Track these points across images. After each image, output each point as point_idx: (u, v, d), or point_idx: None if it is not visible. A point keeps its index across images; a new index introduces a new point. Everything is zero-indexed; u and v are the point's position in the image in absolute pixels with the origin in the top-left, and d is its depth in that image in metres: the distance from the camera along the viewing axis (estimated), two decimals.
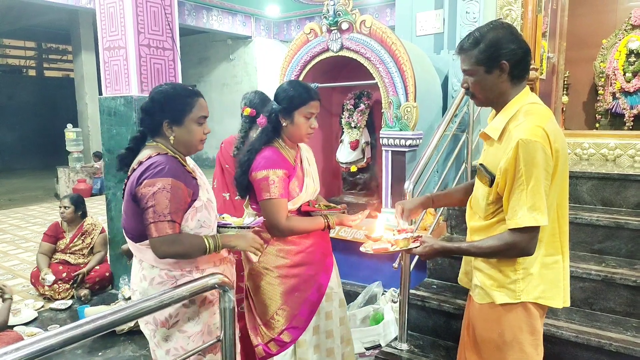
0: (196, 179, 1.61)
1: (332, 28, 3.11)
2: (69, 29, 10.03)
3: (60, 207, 3.96)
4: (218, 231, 1.65)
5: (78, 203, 3.98)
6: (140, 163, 1.49)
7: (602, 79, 5.98)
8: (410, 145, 2.96)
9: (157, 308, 1.31)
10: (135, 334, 2.97)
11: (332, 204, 2.11)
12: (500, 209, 1.49)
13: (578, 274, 2.32)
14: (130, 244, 1.56)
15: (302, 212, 1.96)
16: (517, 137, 1.36)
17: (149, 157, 1.49)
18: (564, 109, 5.81)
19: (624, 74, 5.71)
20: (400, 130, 2.97)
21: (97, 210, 6.48)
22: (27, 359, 1.00)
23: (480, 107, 2.78)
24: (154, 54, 3.50)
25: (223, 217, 1.80)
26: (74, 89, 10.24)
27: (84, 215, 4.02)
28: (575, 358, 2.13)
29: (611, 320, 2.22)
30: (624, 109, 5.76)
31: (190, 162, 1.69)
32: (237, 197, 2.07)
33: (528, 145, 1.34)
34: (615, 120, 5.92)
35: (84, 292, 3.70)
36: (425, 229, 2.81)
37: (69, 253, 3.90)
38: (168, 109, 1.55)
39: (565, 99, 5.95)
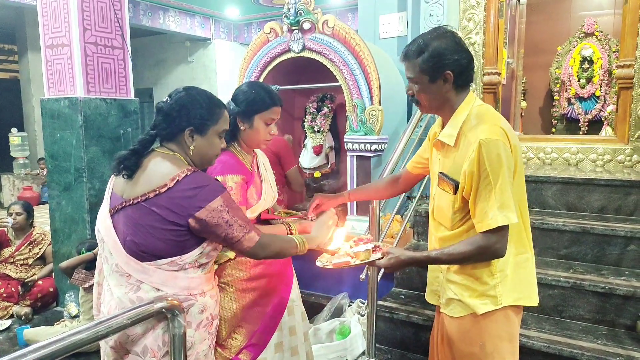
0: None
1: (294, 28, 2.97)
2: (14, 28, 9.45)
3: (10, 213, 3.66)
4: None
5: (29, 210, 3.75)
6: (177, 182, 1.32)
7: (558, 85, 6.14)
8: (375, 150, 2.86)
9: (91, 340, 1.12)
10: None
11: (292, 211, 2.00)
12: (467, 217, 1.44)
13: (547, 281, 2.28)
14: (126, 263, 1.35)
15: (262, 220, 1.82)
16: (477, 138, 1.35)
17: (186, 176, 1.33)
18: (523, 113, 5.91)
19: (579, 80, 5.88)
20: (365, 134, 2.86)
21: (43, 220, 6.07)
22: None
23: None
24: (102, 53, 3.26)
25: None
26: (20, 91, 9.65)
27: (32, 224, 3.78)
28: None
29: (581, 328, 2.18)
30: (579, 114, 5.93)
31: None
32: None
33: (490, 144, 1.33)
34: (571, 125, 6.08)
35: (24, 310, 3.39)
36: (393, 237, 2.71)
37: (12, 263, 3.60)
38: (194, 116, 1.39)
39: (523, 104, 6.07)
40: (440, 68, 1.40)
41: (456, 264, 1.48)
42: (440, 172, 1.49)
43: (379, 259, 1.49)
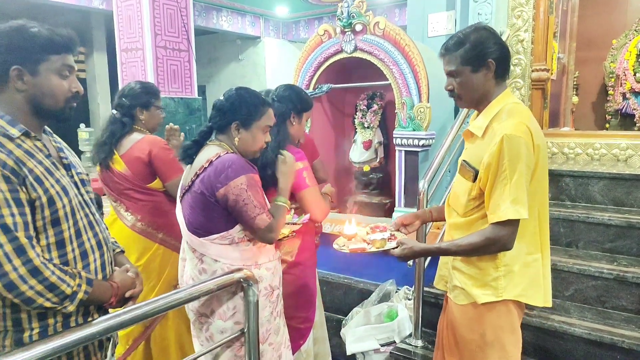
0: None
1: (346, 29, 3.16)
2: (82, 30, 10.14)
3: None
4: None
5: (99, 201, 4.09)
6: (211, 162, 1.54)
7: (612, 79, 5.99)
8: (423, 145, 3.01)
9: (187, 300, 1.38)
10: None
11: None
12: (480, 206, 1.50)
13: (590, 272, 2.36)
14: (190, 239, 1.59)
15: None
16: (502, 132, 1.39)
17: (219, 156, 1.54)
18: (574, 109, 5.82)
19: (634, 74, 5.71)
20: (414, 130, 3.01)
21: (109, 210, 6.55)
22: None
23: None
24: (170, 55, 3.57)
25: None
26: (86, 90, 10.37)
27: (102, 214, 4.14)
28: (588, 355, 2.16)
29: (623, 318, 2.25)
30: (634, 109, 5.77)
31: None
32: None
33: (512, 140, 1.37)
34: (626, 121, 5.92)
35: None
36: (439, 228, 2.85)
37: None
38: (240, 112, 1.61)
39: (575, 99, 5.96)
40: (483, 56, 1.45)
41: (465, 255, 1.53)
42: (463, 160, 1.54)
43: (393, 248, 1.56)
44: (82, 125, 8.62)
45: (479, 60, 1.46)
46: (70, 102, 1.27)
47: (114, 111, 2.32)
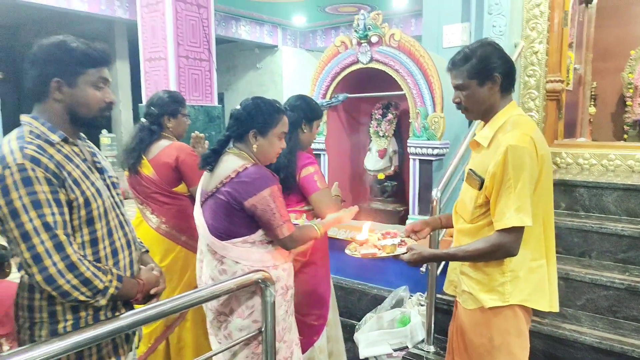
0: None
1: (362, 41, 3.24)
2: (105, 39, 10.43)
3: None
4: None
5: None
6: (238, 173, 1.63)
7: (631, 90, 5.95)
8: (437, 154, 3.06)
9: (209, 298, 1.46)
10: None
11: None
12: (486, 213, 1.55)
13: (602, 282, 2.38)
14: (212, 242, 1.68)
15: None
16: (506, 143, 1.45)
17: (245, 168, 1.64)
18: (592, 119, 5.80)
19: None
20: (428, 139, 3.07)
21: (132, 214, 6.71)
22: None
23: None
24: (192, 65, 3.70)
25: None
26: None
27: None
28: None
29: (634, 328, 2.27)
30: None
31: None
32: None
33: (516, 150, 1.43)
34: None
35: None
36: (451, 236, 2.89)
37: None
38: (257, 120, 1.71)
39: (592, 109, 5.93)
40: (488, 71, 1.52)
41: (472, 261, 1.58)
42: (470, 169, 1.61)
43: (403, 254, 1.62)
44: (104, 131, 8.87)
45: (484, 74, 1.52)
46: (103, 112, 1.37)
47: (143, 119, 2.44)
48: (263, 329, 1.60)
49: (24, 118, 1.31)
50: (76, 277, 1.21)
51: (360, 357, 2.67)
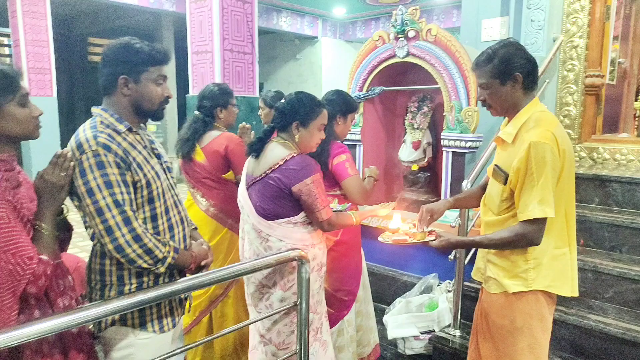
0: None
1: (399, 36, 3.33)
2: (153, 31, 10.86)
3: None
4: None
5: None
6: (286, 161, 1.82)
7: None
8: (470, 147, 3.13)
9: (251, 271, 1.65)
10: None
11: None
12: (511, 206, 1.64)
13: (630, 276, 2.42)
14: (258, 221, 1.88)
15: None
16: (529, 139, 1.53)
17: (292, 157, 1.83)
18: (637, 114, 5.63)
19: None
20: (461, 132, 3.14)
21: (182, 196, 7.04)
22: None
23: None
24: (236, 58, 3.90)
25: None
26: None
27: None
28: (623, 354, 2.24)
29: None
30: None
31: None
32: None
33: (538, 147, 1.51)
34: None
35: None
36: (479, 226, 2.97)
37: None
38: (299, 113, 1.89)
39: (638, 104, 5.76)
40: (510, 71, 1.59)
41: (496, 248, 1.69)
42: (495, 165, 1.70)
43: (432, 240, 1.74)
44: (150, 120, 9.28)
45: (506, 74, 1.61)
46: (162, 105, 1.57)
47: (197, 112, 2.66)
48: (298, 302, 1.77)
49: (95, 110, 1.52)
50: (141, 247, 1.41)
51: (389, 337, 2.81)
